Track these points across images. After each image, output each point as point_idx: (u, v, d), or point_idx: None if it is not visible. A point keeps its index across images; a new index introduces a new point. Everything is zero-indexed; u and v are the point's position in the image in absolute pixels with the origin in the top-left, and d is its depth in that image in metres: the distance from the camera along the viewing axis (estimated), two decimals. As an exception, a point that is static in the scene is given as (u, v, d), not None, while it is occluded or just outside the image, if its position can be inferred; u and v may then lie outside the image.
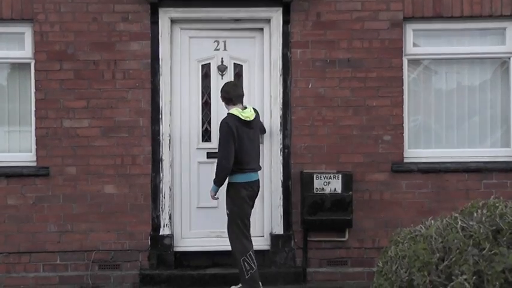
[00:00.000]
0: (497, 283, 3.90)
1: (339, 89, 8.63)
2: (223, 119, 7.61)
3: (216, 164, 7.68)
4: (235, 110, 7.59)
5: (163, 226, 8.62)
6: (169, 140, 8.62)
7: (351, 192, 8.36)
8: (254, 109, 7.84)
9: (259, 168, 7.90)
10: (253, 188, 7.72)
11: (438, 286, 4.09)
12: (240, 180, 7.60)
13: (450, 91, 9.03)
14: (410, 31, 8.78)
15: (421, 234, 4.60)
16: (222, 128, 7.52)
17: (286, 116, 8.65)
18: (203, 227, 8.75)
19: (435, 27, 8.82)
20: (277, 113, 8.64)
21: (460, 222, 4.46)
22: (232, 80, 8.66)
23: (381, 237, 8.53)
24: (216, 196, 7.80)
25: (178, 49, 8.74)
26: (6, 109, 8.78)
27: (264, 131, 8.38)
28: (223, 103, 7.85)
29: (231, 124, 7.48)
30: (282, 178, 8.66)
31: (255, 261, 7.58)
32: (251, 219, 7.85)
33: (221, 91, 7.84)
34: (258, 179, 7.81)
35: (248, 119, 7.59)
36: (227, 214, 7.71)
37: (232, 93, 7.72)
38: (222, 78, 8.73)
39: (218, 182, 7.66)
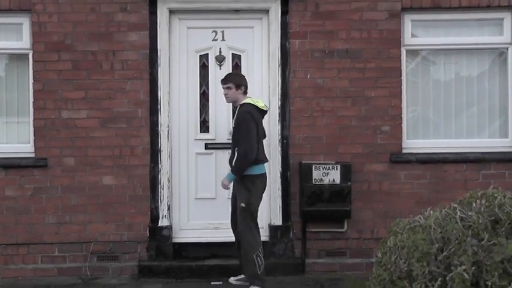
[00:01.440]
0: (496, 273, 3.91)
1: (337, 80, 8.64)
2: (243, 109, 7.47)
3: (237, 153, 7.41)
4: (250, 99, 7.57)
5: (162, 217, 8.63)
6: (168, 130, 8.62)
7: (349, 183, 8.37)
8: None
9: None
10: (266, 179, 7.71)
11: (437, 276, 4.10)
12: (257, 172, 7.50)
13: (448, 82, 9.04)
14: (408, 22, 8.79)
15: (420, 225, 4.60)
16: (244, 118, 7.39)
17: (284, 107, 8.66)
18: (202, 218, 8.77)
19: (433, 17, 8.83)
20: (276, 103, 8.65)
21: (459, 213, 4.46)
22: (231, 70, 8.68)
23: (380, 227, 8.55)
24: (228, 186, 7.66)
25: (176, 40, 8.75)
26: (5, 100, 8.78)
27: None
28: (238, 92, 7.65)
29: (252, 113, 7.42)
30: (280, 169, 8.67)
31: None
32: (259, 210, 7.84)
33: (239, 79, 7.75)
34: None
35: (265, 108, 7.63)
36: (242, 207, 7.45)
37: (247, 83, 7.78)
38: (220, 69, 8.73)
39: (238, 172, 7.44)
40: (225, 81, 7.74)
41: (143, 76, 8.57)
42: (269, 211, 8.73)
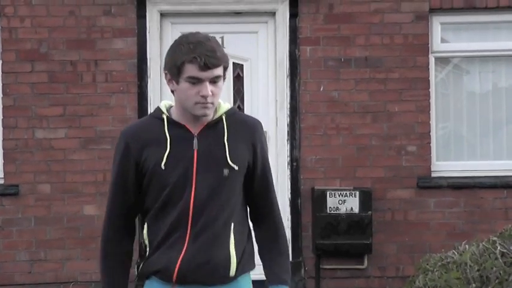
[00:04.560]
0: (545, 318, 3.87)
1: (355, 92, 8.63)
2: (254, 119, 3.86)
3: (280, 230, 3.82)
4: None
5: (152, 253, 8.53)
6: (159, 152, 8.56)
7: (370, 212, 8.35)
8: None
9: None
10: None
11: (475, 322, 4.07)
12: None
13: (485, 93, 9.05)
14: (437, 25, 8.80)
15: (454, 261, 4.59)
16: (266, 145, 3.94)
17: (294, 124, 8.66)
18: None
19: (467, 20, 8.86)
20: (284, 120, 8.65)
21: (499, 247, 4.46)
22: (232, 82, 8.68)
23: (406, 264, 8.49)
24: None
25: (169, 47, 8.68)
26: (-31, 118, 8.80)
27: None
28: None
29: None
30: (289, 196, 8.65)
31: None
32: None
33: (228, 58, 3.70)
34: None
35: None
36: None
37: None
38: (219, 81, 8.68)
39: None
40: (215, 60, 3.50)
41: (130, 89, 8.59)
42: (277, 245, 8.63)
